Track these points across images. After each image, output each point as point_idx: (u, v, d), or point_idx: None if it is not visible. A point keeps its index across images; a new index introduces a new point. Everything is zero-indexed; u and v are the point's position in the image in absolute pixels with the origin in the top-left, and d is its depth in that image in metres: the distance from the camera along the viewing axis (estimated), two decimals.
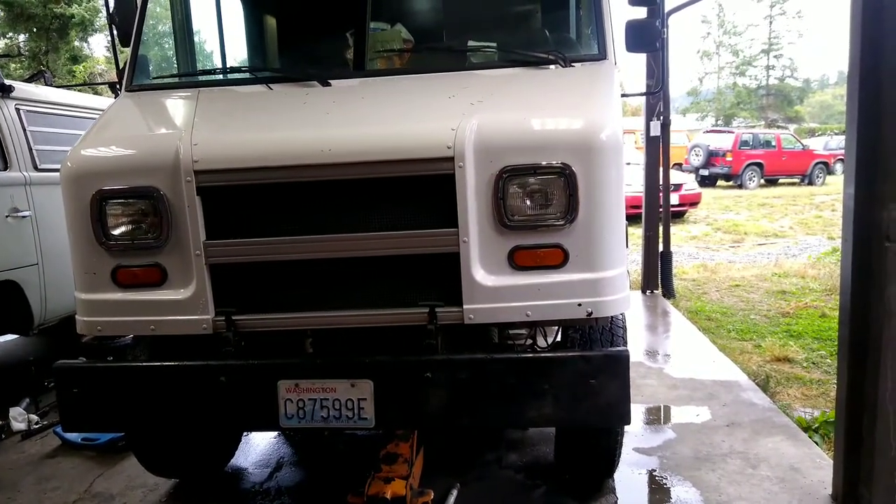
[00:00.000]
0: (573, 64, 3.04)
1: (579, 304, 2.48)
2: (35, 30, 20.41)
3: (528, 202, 2.45)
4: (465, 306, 2.48)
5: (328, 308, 2.59)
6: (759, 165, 23.70)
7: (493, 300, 2.47)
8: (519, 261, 2.48)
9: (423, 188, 2.47)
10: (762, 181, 23.91)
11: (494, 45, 3.26)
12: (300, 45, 3.76)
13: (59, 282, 4.83)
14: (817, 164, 24.59)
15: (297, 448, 4.06)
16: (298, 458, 3.95)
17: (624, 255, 2.59)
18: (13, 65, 20.70)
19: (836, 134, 32.09)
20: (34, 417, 4.50)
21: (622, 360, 2.43)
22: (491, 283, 2.47)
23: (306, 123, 2.72)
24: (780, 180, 24.75)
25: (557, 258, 2.47)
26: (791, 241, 12.44)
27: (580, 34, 3.60)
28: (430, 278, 2.54)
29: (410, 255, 2.51)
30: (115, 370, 2.68)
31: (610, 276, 2.49)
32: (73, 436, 4.11)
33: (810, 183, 24.07)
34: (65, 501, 3.52)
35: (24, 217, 4.71)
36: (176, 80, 3.50)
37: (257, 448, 4.06)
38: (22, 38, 22.21)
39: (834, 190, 20.10)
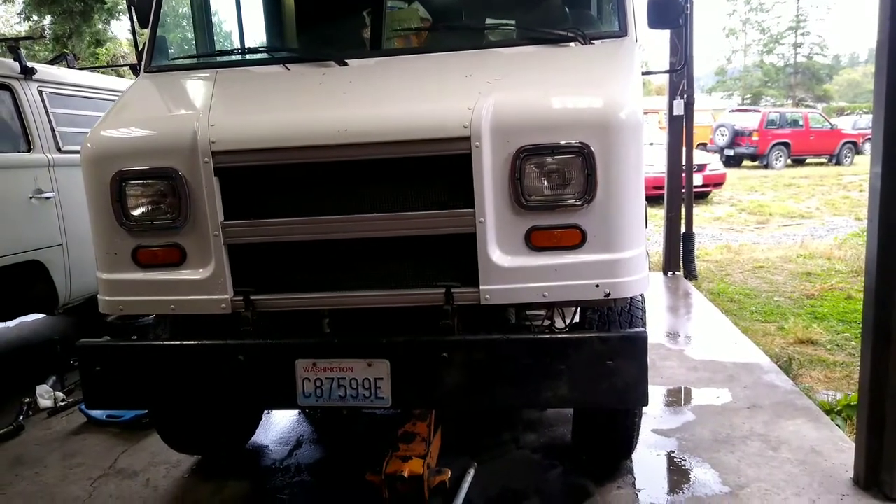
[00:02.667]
0: (593, 41, 2.99)
1: (597, 286, 2.46)
2: (59, 12, 20.54)
3: (545, 182, 2.42)
4: (481, 287, 2.46)
5: (345, 288, 2.60)
6: (786, 145, 23.30)
7: (510, 281, 2.46)
8: (536, 241, 2.46)
9: (439, 168, 2.46)
10: (789, 161, 23.52)
11: (513, 22, 3.22)
12: (317, 25, 3.74)
13: (83, 262, 4.90)
14: (846, 143, 24.13)
15: (317, 426, 4.11)
16: (318, 436, 4.00)
17: (643, 235, 2.56)
18: (38, 47, 20.88)
19: (865, 113, 31.41)
20: (60, 395, 4.59)
21: (640, 342, 2.41)
22: (507, 264, 2.45)
23: (323, 104, 2.71)
24: (808, 160, 24.33)
25: (575, 239, 2.44)
26: (817, 221, 12.24)
27: (601, 11, 3.54)
28: (446, 259, 2.53)
29: (427, 236, 2.50)
30: (136, 349, 2.72)
31: (628, 256, 2.47)
32: (97, 413, 4.20)
33: (838, 163, 23.64)
34: (89, 477, 3.60)
35: (47, 198, 4.77)
36: (194, 61, 3.51)
37: (278, 426, 4.11)
38: (47, 20, 22.37)
39: (862, 170, 19.67)
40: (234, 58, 3.49)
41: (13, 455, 3.91)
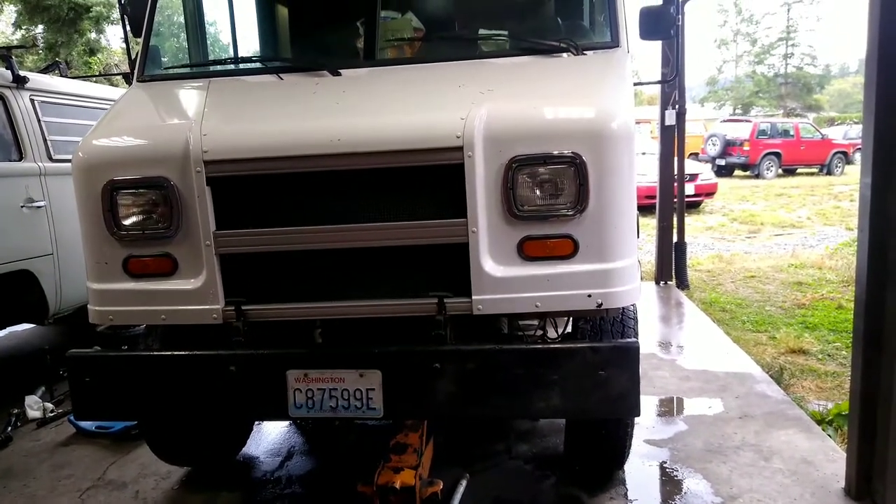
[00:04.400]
0: (585, 52, 3.01)
1: (589, 295, 2.46)
2: (48, 20, 20.48)
3: (537, 192, 2.42)
4: (473, 297, 2.46)
5: (337, 298, 2.59)
6: (777, 155, 23.43)
7: (502, 291, 2.46)
8: (528, 251, 2.46)
9: (432, 178, 2.46)
10: (780, 171, 23.65)
11: (505, 33, 3.23)
12: (311, 35, 3.75)
13: (73, 271, 4.87)
14: (836, 153, 24.27)
15: (308, 437, 4.08)
16: (309, 447, 3.98)
17: (634, 245, 2.56)
18: (30, 56, 20.82)
19: (855, 123, 31.65)
20: (49, 406, 4.55)
21: (631, 352, 2.41)
22: (500, 274, 2.45)
23: (316, 113, 2.71)
24: (799, 170, 24.47)
25: (567, 249, 2.45)
26: (808, 231, 12.30)
27: (593, 21, 3.56)
28: (439, 269, 2.52)
29: (419, 246, 2.50)
30: (126, 359, 2.70)
31: (620, 266, 2.47)
32: (87, 424, 4.16)
33: (829, 173, 23.78)
34: (78, 488, 3.57)
35: (39, 207, 4.75)
36: (187, 70, 3.50)
37: (269, 437, 4.09)
38: (39, 29, 22.34)
39: (853, 180, 19.81)
40: (227, 67, 3.49)
41: (1, 466, 3.87)
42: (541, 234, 2.45)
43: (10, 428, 4.28)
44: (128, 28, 3.58)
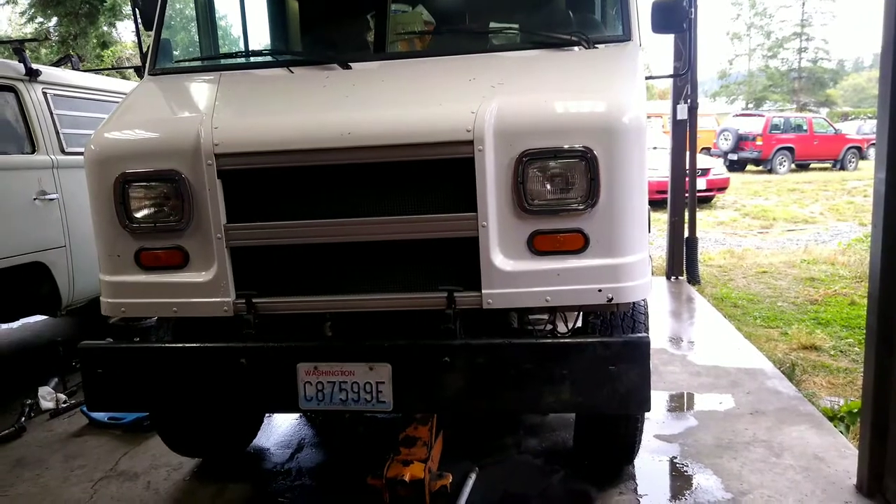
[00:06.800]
0: (596, 45, 2.99)
1: (599, 290, 2.45)
2: (64, 14, 20.53)
3: (548, 186, 2.41)
4: (483, 291, 2.46)
5: (347, 292, 2.60)
6: (790, 150, 23.24)
7: (512, 285, 2.45)
8: (538, 246, 2.45)
9: (442, 172, 2.45)
10: (793, 166, 23.48)
11: (516, 26, 3.22)
12: (321, 28, 3.75)
13: (86, 263, 4.91)
14: (850, 148, 24.07)
15: (319, 430, 4.10)
16: (319, 439, 3.99)
17: (645, 240, 2.55)
18: (43, 50, 20.90)
19: (869, 118, 31.33)
20: (62, 396, 4.60)
21: (642, 347, 2.40)
22: (510, 268, 2.45)
23: (326, 107, 2.71)
24: (812, 165, 24.29)
25: (578, 243, 2.44)
26: (821, 227, 12.21)
27: (604, 15, 3.54)
28: (449, 263, 2.52)
29: (430, 240, 2.50)
30: (137, 351, 2.72)
31: (631, 261, 2.46)
32: (99, 415, 4.20)
33: (842, 168, 23.58)
34: (90, 479, 3.60)
35: (51, 200, 4.78)
36: (198, 63, 3.51)
37: (279, 429, 4.11)
38: (52, 22, 22.39)
39: (867, 175, 19.65)
40: (237, 60, 3.50)
41: (15, 456, 3.91)
42: (551, 228, 2.44)
43: (23, 418, 4.32)
44: (139, 21, 3.59)
